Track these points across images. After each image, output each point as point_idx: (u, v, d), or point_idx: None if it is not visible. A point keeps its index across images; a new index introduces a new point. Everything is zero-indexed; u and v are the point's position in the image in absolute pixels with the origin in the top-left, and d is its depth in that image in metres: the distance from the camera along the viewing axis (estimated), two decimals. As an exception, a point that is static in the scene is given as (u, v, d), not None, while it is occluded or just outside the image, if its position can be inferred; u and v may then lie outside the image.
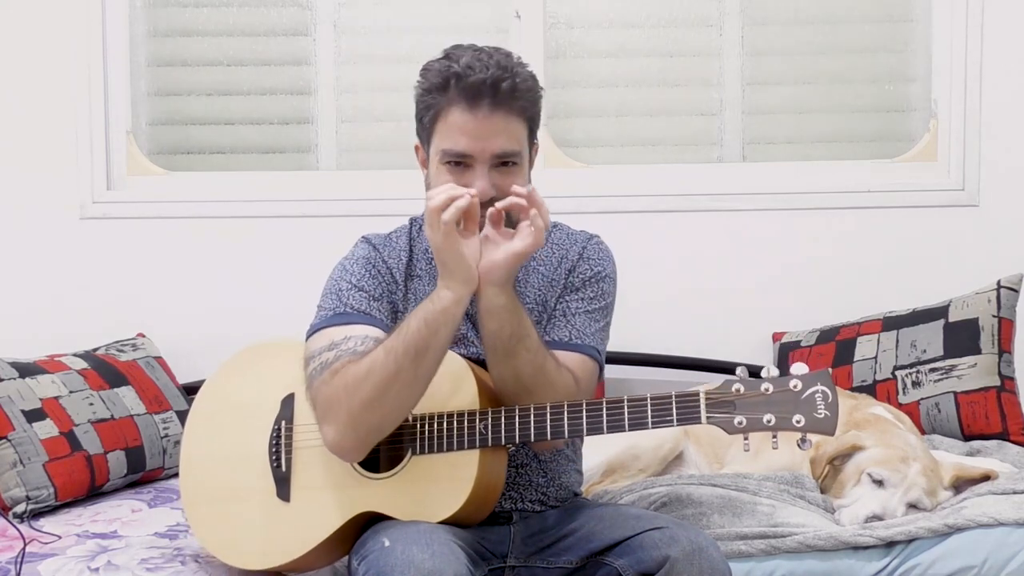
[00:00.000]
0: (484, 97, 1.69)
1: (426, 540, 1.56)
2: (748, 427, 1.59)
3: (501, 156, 1.72)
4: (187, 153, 3.05)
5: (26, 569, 1.83)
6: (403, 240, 1.89)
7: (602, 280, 1.86)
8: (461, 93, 1.70)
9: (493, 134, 1.71)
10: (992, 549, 1.87)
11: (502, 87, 1.69)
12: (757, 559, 1.90)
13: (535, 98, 1.77)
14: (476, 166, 1.71)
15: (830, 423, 1.57)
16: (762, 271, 2.90)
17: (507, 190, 1.71)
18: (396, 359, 1.60)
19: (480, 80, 1.69)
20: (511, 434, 1.66)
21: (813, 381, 1.58)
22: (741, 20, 2.99)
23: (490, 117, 1.70)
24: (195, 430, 1.89)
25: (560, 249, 1.88)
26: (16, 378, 2.29)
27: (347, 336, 1.71)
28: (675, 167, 2.98)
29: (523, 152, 1.76)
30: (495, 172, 1.72)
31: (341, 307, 1.77)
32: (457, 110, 1.71)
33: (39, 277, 2.90)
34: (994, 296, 2.53)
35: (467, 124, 1.70)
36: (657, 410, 1.62)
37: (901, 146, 2.98)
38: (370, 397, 1.61)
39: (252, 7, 3.01)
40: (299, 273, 2.82)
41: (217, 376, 1.91)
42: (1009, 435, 2.41)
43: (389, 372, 1.60)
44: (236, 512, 1.80)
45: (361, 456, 1.69)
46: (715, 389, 1.62)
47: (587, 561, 1.71)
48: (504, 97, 1.70)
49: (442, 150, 1.73)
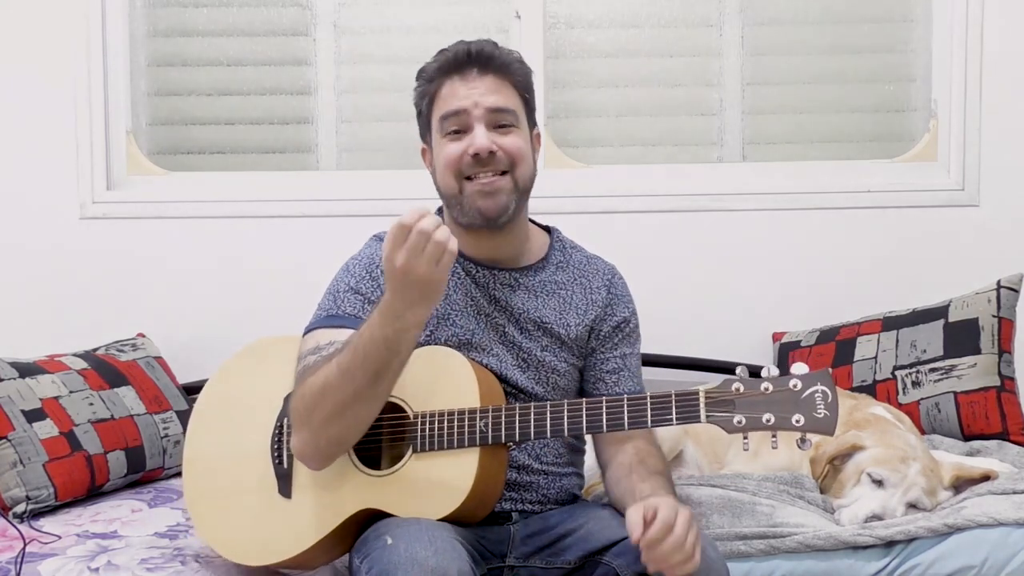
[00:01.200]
0: (471, 65, 1.78)
1: (429, 537, 1.56)
2: (747, 426, 1.59)
3: (496, 110, 1.77)
4: (187, 153, 3.05)
5: (26, 569, 1.83)
6: None
7: (635, 317, 1.93)
8: (450, 68, 1.79)
9: (486, 92, 1.77)
10: (992, 549, 1.87)
11: (485, 51, 1.78)
12: (756, 559, 1.90)
13: (525, 71, 1.83)
14: (474, 124, 1.76)
15: (830, 423, 1.57)
16: (762, 271, 2.90)
17: (508, 147, 1.77)
18: (353, 379, 1.61)
19: (465, 50, 1.78)
20: (511, 432, 1.67)
21: (813, 381, 1.58)
22: (741, 20, 2.99)
23: (481, 78, 1.77)
24: (199, 426, 1.89)
25: (580, 275, 1.90)
26: (16, 378, 2.29)
27: (331, 341, 1.72)
28: (675, 167, 2.98)
29: (519, 115, 1.81)
30: (494, 133, 1.77)
31: (335, 309, 1.79)
32: (448, 82, 1.79)
33: (39, 277, 2.90)
34: (994, 296, 2.53)
35: (459, 88, 1.78)
36: (657, 409, 1.64)
37: (901, 146, 2.98)
38: (329, 413, 1.63)
39: (252, 7, 3.01)
40: (299, 273, 2.84)
41: (222, 372, 1.92)
42: (1009, 435, 2.41)
43: (347, 392, 1.61)
44: (238, 508, 1.80)
45: (325, 466, 1.71)
46: (715, 388, 1.62)
47: (585, 561, 1.71)
48: (490, 61, 1.78)
49: (440, 117, 1.79)
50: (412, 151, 2.98)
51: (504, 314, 1.83)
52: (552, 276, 1.88)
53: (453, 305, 1.82)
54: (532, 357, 1.83)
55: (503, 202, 1.77)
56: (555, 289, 1.87)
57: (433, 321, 1.80)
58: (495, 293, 1.84)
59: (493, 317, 1.83)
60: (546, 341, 1.84)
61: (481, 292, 1.84)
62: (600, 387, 1.88)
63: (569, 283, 1.89)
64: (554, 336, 1.84)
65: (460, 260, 1.84)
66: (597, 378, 1.88)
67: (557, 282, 1.88)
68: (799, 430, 1.57)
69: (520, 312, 1.84)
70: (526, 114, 1.83)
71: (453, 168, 1.78)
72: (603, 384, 1.88)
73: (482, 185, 1.76)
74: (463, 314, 1.82)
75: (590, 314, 1.88)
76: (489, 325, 1.82)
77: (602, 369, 1.88)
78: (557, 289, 1.87)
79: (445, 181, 1.80)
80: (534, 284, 1.86)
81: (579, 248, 1.96)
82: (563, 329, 1.85)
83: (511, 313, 1.83)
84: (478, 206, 1.77)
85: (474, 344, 1.80)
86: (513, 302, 1.84)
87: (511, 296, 1.84)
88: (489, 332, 1.82)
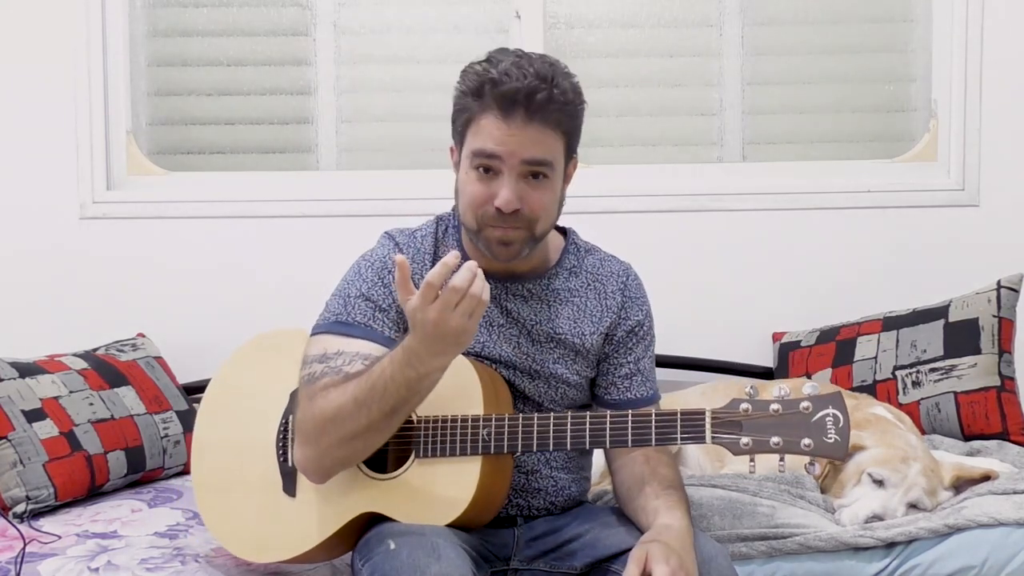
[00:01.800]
0: (518, 107, 1.64)
1: (431, 544, 1.55)
2: (754, 448, 1.56)
3: (531, 163, 1.67)
4: (187, 153, 3.04)
5: (26, 569, 1.83)
6: (428, 242, 1.84)
7: (649, 318, 1.89)
8: (495, 100, 1.65)
9: (526, 143, 1.66)
10: (992, 549, 1.87)
11: (537, 98, 1.64)
12: (758, 561, 1.90)
13: (574, 112, 1.72)
14: (504, 172, 1.67)
15: (840, 448, 1.53)
16: (762, 271, 2.90)
17: (534, 204, 1.69)
18: (368, 413, 1.59)
19: (515, 89, 1.63)
20: (513, 443, 1.65)
21: (824, 404, 1.55)
22: (741, 20, 2.99)
23: (524, 128, 1.65)
24: (207, 416, 1.89)
25: (593, 279, 1.86)
26: (16, 378, 2.29)
27: (340, 351, 1.69)
28: (675, 167, 2.97)
29: (556, 164, 1.71)
30: (523, 183, 1.68)
31: (344, 315, 1.75)
32: (490, 116, 1.66)
33: (39, 277, 2.90)
34: (994, 296, 2.53)
35: (499, 131, 1.66)
36: (662, 427, 1.61)
37: (901, 146, 2.98)
38: (339, 440, 1.62)
39: (252, 7, 3.01)
40: (299, 273, 2.84)
41: (231, 363, 1.91)
42: (1009, 435, 2.41)
43: (360, 424, 1.60)
44: (242, 503, 1.80)
45: (323, 481, 1.70)
46: (722, 409, 1.59)
47: (592, 568, 1.71)
48: (538, 108, 1.65)
49: (472, 150, 1.68)
50: (412, 151, 3.01)
51: (516, 326, 1.80)
52: (565, 283, 1.84)
53: None
54: (544, 369, 1.80)
55: (516, 251, 1.73)
56: (568, 297, 1.83)
57: None
58: (507, 305, 1.80)
59: (506, 329, 1.80)
60: (559, 353, 1.81)
61: (493, 304, 1.79)
62: (612, 392, 1.84)
63: (583, 289, 1.84)
64: (568, 347, 1.81)
65: None
66: (610, 383, 1.84)
67: (571, 289, 1.84)
68: (808, 454, 1.54)
69: (533, 324, 1.80)
70: (566, 154, 1.74)
71: (474, 210, 1.71)
72: (615, 389, 1.83)
73: (500, 233, 1.71)
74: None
75: (605, 321, 1.83)
76: (501, 337, 1.79)
77: (615, 374, 1.84)
78: (571, 297, 1.83)
79: (465, 215, 1.74)
80: (547, 293, 1.82)
81: (594, 250, 1.91)
82: (578, 339, 1.81)
83: (523, 325, 1.80)
84: (492, 251, 1.73)
85: (484, 357, 1.78)
86: (526, 314, 1.80)
87: (523, 307, 1.81)
88: (501, 344, 1.79)
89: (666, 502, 1.67)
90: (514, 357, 1.79)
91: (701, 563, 1.59)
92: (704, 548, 1.63)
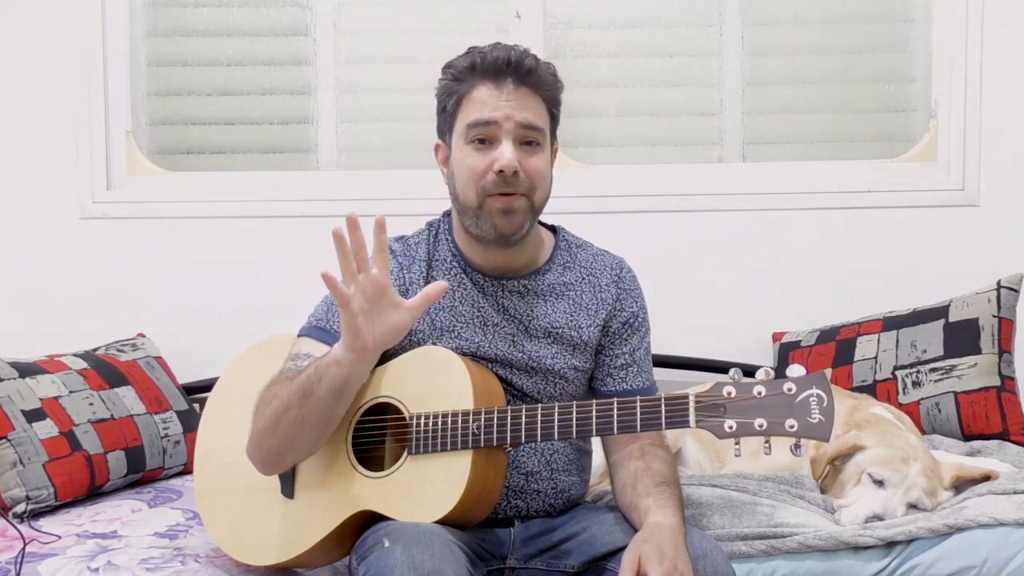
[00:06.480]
0: (508, 74, 1.74)
1: (426, 541, 1.56)
2: (739, 431, 1.54)
3: (526, 126, 1.74)
4: (187, 153, 3.05)
5: (26, 569, 1.83)
6: (423, 248, 1.87)
7: (643, 310, 1.90)
8: (486, 72, 1.74)
9: (519, 106, 1.74)
10: (992, 549, 1.87)
11: (525, 63, 1.74)
12: (757, 560, 1.90)
13: (556, 88, 1.81)
14: (501, 137, 1.73)
15: (824, 428, 1.51)
16: (762, 271, 2.90)
17: (531, 170, 1.74)
18: (289, 394, 1.64)
19: (504, 58, 1.74)
20: (503, 435, 1.66)
21: (808, 384, 1.53)
22: (741, 20, 2.99)
23: (515, 93, 1.74)
24: (210, 421, 1.90)
25: (587, 273, 1.88)
26: (16, 378, 2.29)
27: (308, 354, 1.73)
28: (675, 167, 2.98)
29: (546, 132, 1.79)
30: (520, 150, 1.74)
31: (324, 322, 1.79)
32: (482, 87, 1.75)
33: (39, 277, 2.90)
34: (994, 296, 2.53)
35: (492, 98, 1.74)
36: (646, 413, 1.61)
37: (901, 146, 2.98)
38: (266, 424, 1.67)
39: (252, 7, 3.01)
40: (299, 273, 2.82)
41: (235, 367, 1.92)
42: (1009, 435, 2.41)
43: (281, 405, 1.65)
44: (243, 506, 1.80)
45: (268, 474, 1.74)
46: (705, 392, 1.58)
47: (588, 566, 1.71)
48: (527, 73, 1.74)
49: (467, 124, 1.74)
50: (412, 151, 3.01)
51: (513, 323, 1.82)
52: (559, 277, 1.86)
53: (459, 317, 1.81)
54: (541, 365, 1.81)
55: (519, 222, 1.76)
56: (563, 291, 1.85)
57: (436, 334, 1.80)
58: (503, 302, 1.82)
59: (501, 327, 1.81)
60: (556, 348, 1.82)
61: (489, 302, 1.82)
62: (608, 383, 1.86)
63: (577, 283, 1.87)
64: (565, 341, 1.82)
65: (468, 271, 1.83)
66: (606, 374, 1.87)
67: (565, 283, 1.86)
68: (793, 435, 1.52)
69: (529, 320, 1.82)
70: (550, 130, 1.82)
71: (475, 182, 1.74)
72: (611, 380, 1.86)
73: (503, 203, 1.73)
74: (469, 326, 1.80)
75: (601, 313, 1.86)
76: (497, 335, 1.80)
77: (611, 365, 1.86)
78: (566, 291, 1.85)
79: (465, 192, 1.76)
80: (542, 288, 1.84)
81: (585, 246, 1.93)
82: (575, 332, 1.83)
83: (520, 321, 1.82)
84: (495, 223, 1.74)
85: (479, 356, 1.79)
86: (522, 310, 1.82)
87: (519, 304, 1.83)
88: (497, 342, 1.80)
89: (657, 500, 1.68)
90: (510, 355, 1.80)
91: (695, 559, 1.58)
92: (698, 544, 1.62)
